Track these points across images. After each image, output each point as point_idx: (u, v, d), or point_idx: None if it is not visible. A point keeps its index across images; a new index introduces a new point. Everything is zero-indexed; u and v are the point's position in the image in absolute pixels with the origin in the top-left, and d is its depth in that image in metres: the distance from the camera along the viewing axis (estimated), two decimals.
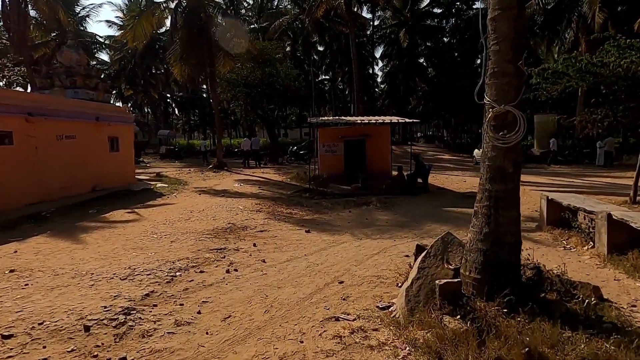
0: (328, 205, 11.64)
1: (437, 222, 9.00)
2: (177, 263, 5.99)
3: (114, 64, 53.73)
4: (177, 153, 36.61)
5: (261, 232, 8.12)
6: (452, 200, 12.33)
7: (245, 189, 14.84)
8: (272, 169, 23.78)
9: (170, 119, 73.80)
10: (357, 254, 6.60)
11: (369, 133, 16.99)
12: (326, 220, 9.53)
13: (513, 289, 4.15)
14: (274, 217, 9.61)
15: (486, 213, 4.34)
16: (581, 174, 20.45)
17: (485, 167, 4.41)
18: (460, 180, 18.30)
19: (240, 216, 9.56)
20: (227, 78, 25.30)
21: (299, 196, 13.35)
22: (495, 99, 4.28)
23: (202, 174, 20.84)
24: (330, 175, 16.56)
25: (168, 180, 17.59)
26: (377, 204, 11.75)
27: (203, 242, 7.23)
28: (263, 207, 10.81)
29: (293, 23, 39.12)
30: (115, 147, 15.15)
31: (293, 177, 17.98)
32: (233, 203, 11.47)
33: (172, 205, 11.28)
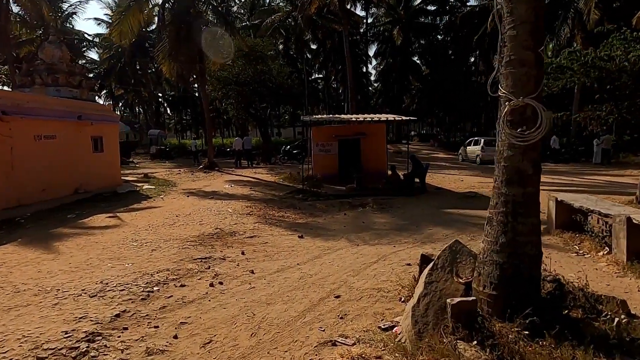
0: (322, 207, 11.10)
1: (438, 225, 8.49)
2: (156, 276, 5.41)
3: (103, 62, 52.74)
4: (168, 153, 35.86)
5: (251, 238, 7.55)
6: (451, 201, 11.84)
7: (235, 191, 14.25)
8: (264, 169, 23.19)
9: (162, 119, 72.90)
10: (355, 263, 6.06)
11: (364, 132, 16.47)
12: (320, 224, 8.99)
13: (534, 307, 3.64)
14: (265, 221, 9.05)
15: (502, 220, 3.83)
16: (579, 172, 20.14)
17: (500, 168, 3.89)
18: (457, 179, 17.86)
19: (228, 220, 8.98)
20: (218, 76, 24.66)
21: (292, 198, 12.80)
22: (512, 91, 3.75)
23: (192, 175, 20.21)
24: (324, 175, 16.02)
25: (156, 181, 16.94)
26: (373, 205, 11.23)
27: (187, 250, 6.65)
28: (254, 210, 10.24)
29: (285, 20, 38.51)
30: (100, 148, 14.47)
31: (286, 177, 17.41)
32: (222, 206, 10.88)
33: (158, 209, 10.67)
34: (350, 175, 15.14)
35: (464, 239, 7.45)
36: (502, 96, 3.87)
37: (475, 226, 8.38)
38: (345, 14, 31.18)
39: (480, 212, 10.11)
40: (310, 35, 45.27)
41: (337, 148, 16.41)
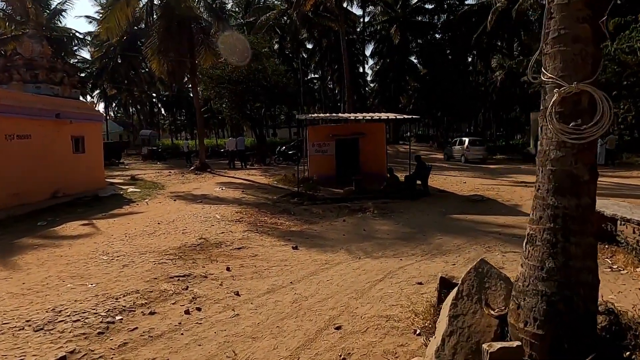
0: (319, 213, 10.26)
1: (448, 234, 7.67)
2: (122, 300, 4.55)
3: (95, 62, 51.57)
4: (160, 154, 34.89)
5: (238, 250, 6.69)
6: (457, 205, 11.04)
7: (226, 194, 13.38)
8: (258, 171, 22.32)
9: (156, 119, 71.84)
10: (357, 281, 5.23)
11: (362, 131, 15.65)
12: (317, 233, 8.14)
13: (589, 349, 2.84)
14: (256, 229, 8.19)
15: (550, 240, 3.00)
16: None
17: (545, 173, 3.07)
18: (459, 181, 17.09)
19: (215, 228, 8.12)
20: (211, 74, 23.76)
21: (286, 202, 11.95)
22: (563, 75, 2.93)
23: (182, 177, 19.31)
24: (320, 177, 15.18)
25: (143, 184, 16.03)
26: (374, 210, 10.41)
27: (164, 266, 5.79)
28: (244, 216, 9.38)
29: (281, 18, 37.66)
30: (81, 148, 13.56)
31: (280, 179, 16.55)
32: (210, 211, 10.01)
33: (139, 215, 9.78)
34: (348, 177, 14.32)
35: (478, 250, 6.65)
36: (548, 82, 3.04)
37: (488, 235, 7.58)
38: (342, 11, 30.38)
39: (490, 217, 9.33)
40: (306, 34, 44.48)
41: (334, 148, 15.58)
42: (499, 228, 8.18)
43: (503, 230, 8.01)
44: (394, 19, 42.62)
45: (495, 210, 10.33)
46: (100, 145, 15.29)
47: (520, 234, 7.85)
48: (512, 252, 6.34)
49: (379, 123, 16.14)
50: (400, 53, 44.10)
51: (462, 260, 6.07)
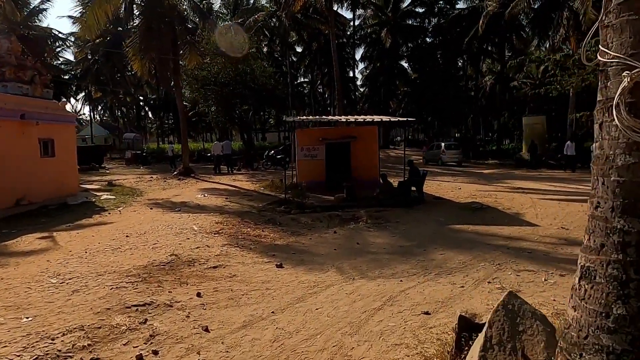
0: (307, 223, 9.41)
1: (451, 248, 6.89)
2: (59, 341, 3.64)
3: (78, 63, 50.15)
4: (145, 158, 33.69)
5: (214, 270, 5.81)
6: (456, 214, 10.29)
7: (208, 201, 12.46)
8: (245, 176, 21.39)
9: (143, 122, 70.39)
10: (351, 310, 4.39)
11: (354, 135, 14.87)
12: (305, 247, 7.29)
13: None
14: (237, 243, 7.30)
15: (618, 277, 2.20)
16: (580, 179, 18.90)
17: (609, 185, 2.27)
18: (454, 187, 16.41)
19: (190, 242, 7.21)
20: (196, 75, 22.82)
21: (273, 210, 11.07)
22: (634, 53, 2.16)
23: (164, 182, 18.29)
24: (310, 183, 14.32)
25: (120, 190, 15.00)
26: (367, 220, 9.60)
27: (122, 291, 4.88)
28: (225, 227, 8.47)
29: (269, 20, 36.88)
30: (50, 152, 12.52)
31: (267, 185, 15.67)
32: (188, 221, 9.09)
33: (108, 226, 8.82)
34: (338, 183, 13.51)
35: (487, 268, 5.87)
36: (612, 63, 2.26)
37: (495, 249, 6.82)
38: (332, 13, 29.73)
39: (493, 228, 8.58)
40: (295, 37, 43.79)
41: (324, 153, 14.76)
42: (506, 241, 7.43)
43: (510, 243, 7.26)
44: (385, 22, 42.16)
45: (497, 219, 9.61)
46: (73, 148, 14.23)
47: (530, 247, 7.15)
48: (527, 271, 5.58)
49: (371, 126, 15.39)
50: (390, 57, 43.64)
51: (470, 281, 5.28)
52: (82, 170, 26.02)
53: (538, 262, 5.98)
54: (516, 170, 24.49)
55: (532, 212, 10.43)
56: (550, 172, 22.54)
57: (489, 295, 4.73)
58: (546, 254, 6.53)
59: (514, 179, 18.96)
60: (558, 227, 8.57)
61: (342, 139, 14.79)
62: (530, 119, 29.30)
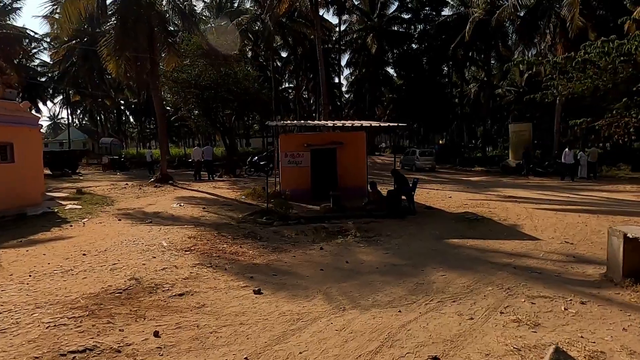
0: (291, 237, 8.57)
1: (451, 268, 6.15)
2: None
3: (55, 65, 48.38)
4: (123, 164, 32.37)
5: (179, 298, 4.92)
6: (451, 226, 9.61)
7: (184, 211, 11.50)
8: (226, 183, 20.43)
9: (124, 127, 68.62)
10: (343, 354, 3.59)
11: (340, 141, 14.12)
12: (288, 266, 6.45)
13: None
14: (210, 263, 6.41)
15: None
16: (570, 187, 18.56)
17: None
18: (444, 195, 15.83)
19: (157, 262, 6.29)
20: (175, 77, 21.82)
21: (253, 222, 10.20)
22: None
23: (139, 190, 17.20)
24: (294, 192, 13.52)
25: (89, 198, 13.90)
26: (356, 233, 8.82)
27: (61, 330, 3.96)
28: (198, 243, 7.57)
29: (254, 23, 36.08)
30: (9, 157, 11.39)
31: (249, 193, 14.77)
32: (158, 235, 8.16)
33: (65, 242, 7.81)
34: (325, 191, 12.75)
35: (496, 293, 5.12)
36: None
37: (502, 269, 6.11)
38: (318, 17, 29.11)
39: (494, 243, 7.90)
40: (280, 41, 43.11)
41: (309, 159, 13.97)
42: (510, 258, 6.74)
43: (515, 261, 6.57)
44: (371, 28, 41.88)
45: (496, 232, 8.95)
46: (38, 153, 13.09)
47: (538, 266, 6.43)
48: (541, 297, 4.87)
49: (358, 132, 14.69)
50: (376, 63, 43.35)
51: (480, 310, 4.53)
52: (53, 177, 24.66)
53: (552, 286, 5.28)
54: (503, 177, 24.16)
55: (530, 224, 9.83)
56: (538, 180, 22.22)
57: (504, 331, 3.99)
58: (558, 274, 5.85)
59: (503, 187, 18.51)
60: (561, 242, 7.95)
61: (328, 145, 14.03)
62: (516, 126, 29.13)
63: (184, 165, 31.85)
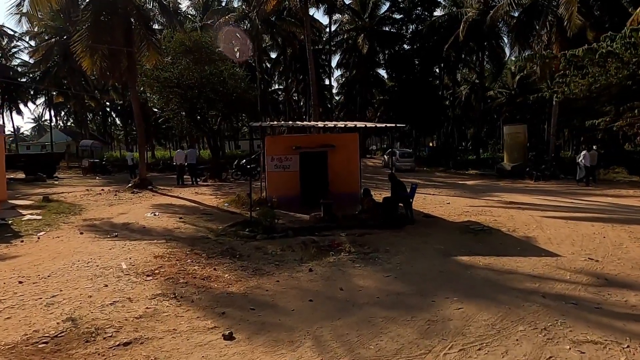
0: (276, 254, 7.43)
1: (467, 297, 5.08)
2: None
3: (36, 65, 46.54)
4: (104, 167, 30.87)
5: (124, 349, 3.76)
6: (456, 239, 8.56)
7: (158, 222, 10.29)
8: (210, 188, 19.22)
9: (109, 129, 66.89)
10: None
11: (332, 143, 13.04)
12: (269, 296, 5.31)
13: None
14: (174, 292, 5.24)
15: None
16: (571, 192, 17.73)
17: None
18: (442, 201, 14.85)
19: (107, 293, 5.12)
20: (157, 76, 20.52)
21: (234, 234, 9.04)
22: None
23: (114, 196, 15.90)
24: (281, 199, 12.42)
25: (55, 207, 12.56)
26: (350, 248, 7.73)
27: None
28: (164, 264, 6.40)
29: (241, 21, 34.87)
30: None
31: (232, 200, 13.61)
32: (119, 254, 6.97)
33: (5, 263, 6.55)
34: (314, 198, 11.66)
35: (530, 337, 4.00)
36: None
37: (529, 298, 5.05)
38: (307, 15, 28.05)
39: (510, 261, 6.77)
40: (269, 41, 41.98)
41: (298, 163, 12.86)
42: (534, 282, 5.70)
43: (542, 286, 5.53)
44: (361, 28, 40.97)
45: (508, 246, 7.94)
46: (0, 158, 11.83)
47: (571, 294, 5.02)
48: (591, 343, 3.81)
49: (351, 133, 13.64)
50: (367, 64, 42.45)
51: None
52: (26, 182, 23.15)
53: (596, 324, 4.25)
54: (500, 181, 23.32)
55: (543, 235, 8.85)
56: (535, 184, 21.43)
57: None
58: (597, 305, 4.82)
59: (502, 192, 17.64)
60: (584, 258, 6.95)
61: (318, 147, 12.94)
62: (511, 128, 28.33)
63: (169, 168, 30.48)
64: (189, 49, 20.02)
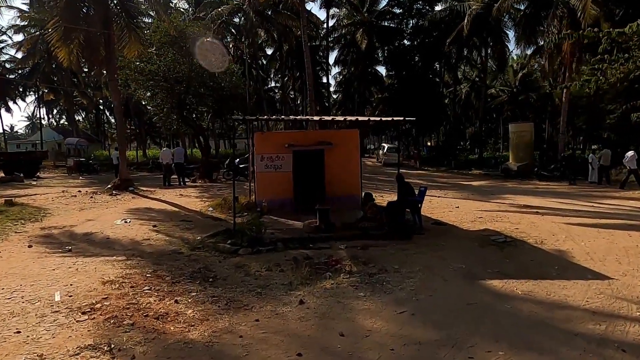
0: (260, 275, 6.00)
1: (514, 349, 3.67)
2: None
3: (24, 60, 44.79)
4: (90, 166, 29.29)
5: None
6: (478, 253, 7.16)
7: (127, 231, 8.85)
8: (198, 190, 17.79)
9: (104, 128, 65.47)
10: None
11: (329, 140, 11.60)
12: (242, 347, 3.83)
13: None
14: (109, 342, 3.79)
15: None
16: (586, 194, 16.37)
17: None
18: (449, 204, 13.47)
19: (12, 345, 3.67)
20: (141, 68, 18.96)
21: (213, 247, 7.59)
22: None
23: (90, 199, 14.45)
24: (272, 203, 11.01)
25: (16, 212, 11.06)
26: (351, 266, 6.32)
27: None
28: (112, 294, 4.95)
29: (235, 14, 33.34)
30: None
31: (218, 204, 12.16)
32: (61, 277, 5.52)
33: None
34: (309, 202, 10.26)
35: None
36: None
37: (599, 351, 3.63)
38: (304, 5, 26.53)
39: (553, 286, 5.11)
40: (264, 35, 40.48)
41: (291, 163, 11.43)
42: (597, 323, 4.28)
43: (610, 330, 4.11)
44: (360, 23, 39.52)
45: (542, 263, 6.54)
46: None
47: None
48: None
49: (351, 130, 12.22)
50: (365, 61, 41.02)
51: None
52: (1, 182, 21.67)
53: None
54: (506, 182, 21.97)
55: (577, 248, 7.48)
56: (545, 184, 20.10)
57: None
58: None
59: (511, 194, 16.28)
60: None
61: (314, 145, 11.51)
62: (517, 127, 26.96)
63: (160, 168, 29.00)
64: (175, 39, 18.53)
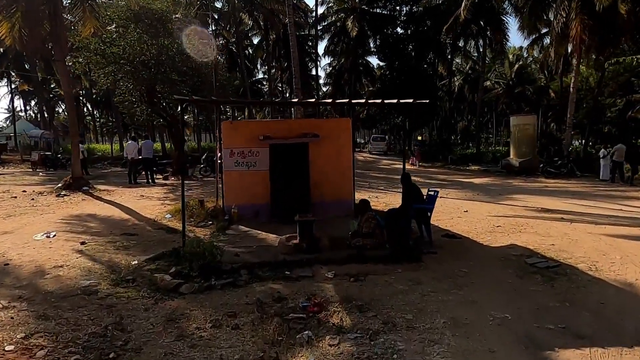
0: (198, 342, 3.83)
1: None
2: None
3: None
4: (57, 161, 26.61)
5: None
6: (519, 288, 5.11)
7: (41, 252, 6.59)
8: (165, 189, 15.51)
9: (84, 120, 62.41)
10: None
11: (315, 132, 9.40)
12: None
13: None
14: None
15: None
16: (605, 193, 14.51)
17: None
18: (456, 207, 11.48)
19: None
20: (102, 50, 16.50)
21: (148, 278, 5.40)
22: None
23: (31, 200, 12.12)
24: (243, 208, 8.85)
25: None
26: (342, 317, 4.21)
27: None
28: None
29: None
30: None
31: (178, 210, 9.85)
32: None
33: None
34: (290, 208, 8.14)
35: None
36: None
37: None
38: None
39: None
40: (250, 22, 38.01)
41: (267, 160, 9.25)
42: None
43: None
44: (351, 9, 37.27)
45: (620, 309, 4.53)
46: None
47: None
48: None
49: (341, 119, 10.06)
50: (356, 50, 38.81)
51: None
52: None
53: None
54: (509, 179, 20.13)
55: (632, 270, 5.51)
56: (554, 182, 18.27)
57: None
58: None
59: (520, 193, 14.42)
60: None
61: (296, 137, 9.31)
62: (519, 119, 25.04)
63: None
64: (138, 15, 16.09)
